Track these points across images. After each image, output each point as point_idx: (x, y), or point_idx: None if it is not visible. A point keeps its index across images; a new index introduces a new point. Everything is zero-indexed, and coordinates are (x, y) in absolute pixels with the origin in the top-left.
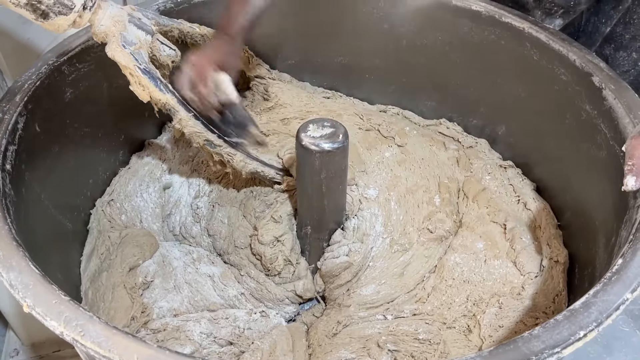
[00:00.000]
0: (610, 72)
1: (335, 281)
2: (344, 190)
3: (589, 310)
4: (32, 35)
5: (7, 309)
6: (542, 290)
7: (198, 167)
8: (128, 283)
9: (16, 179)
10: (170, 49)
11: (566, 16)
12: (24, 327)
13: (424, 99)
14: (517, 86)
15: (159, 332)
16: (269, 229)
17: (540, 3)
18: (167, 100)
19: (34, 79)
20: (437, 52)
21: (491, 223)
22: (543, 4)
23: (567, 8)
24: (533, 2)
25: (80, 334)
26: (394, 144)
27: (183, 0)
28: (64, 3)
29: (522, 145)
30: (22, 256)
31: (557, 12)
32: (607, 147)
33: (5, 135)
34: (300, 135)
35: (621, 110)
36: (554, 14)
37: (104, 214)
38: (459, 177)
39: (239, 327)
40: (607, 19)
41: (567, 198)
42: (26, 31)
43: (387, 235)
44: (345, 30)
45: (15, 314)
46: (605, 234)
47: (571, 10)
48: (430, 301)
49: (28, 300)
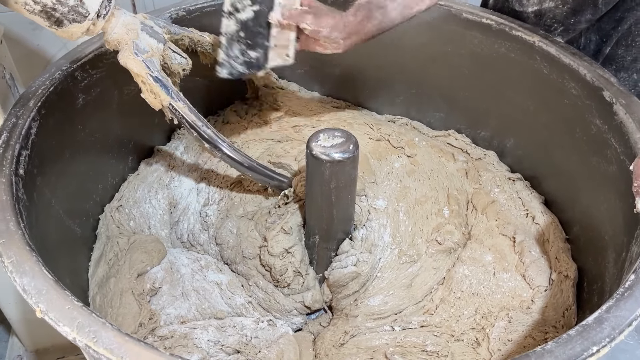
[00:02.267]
0: (621, 87)
1: (343, 291)
2: (353, 200)
3: (601, 325)
4: (42, 41)
5: (12, 314)
6: (551, 304)
7: (207, 175)
8: (136, 289)
9: (29, 183)
10: (182, 57)
11: (566, 34)
12: (29, 333)
13: (432, 110)
14: (526, 99)
15: (166, 339)
16: (279, 241)
17: (541, 19)
18: (178, 107)
19: (47, 84)
20: (447, 63)
21: (500, 236)
22: (544, 20)
23: (567, 26)
24: (534, 17)
25: (93, 340)
26: (403, 155)
27: (195, 9)
28: (79, 11)
29: (530, 158)
30: (36, 261)
31: (557, 29)
32: (618, 162)
33: (19, 140)
34: (310, 145)
35: (632, 125)
36: (553, 30)
37: (113, 219)
38: (467, 189)
39: (246, 336)
40: (607, 38)
41: (576, 212)
42: (36, 38)
43: (395, 246)
44: None
45: (19, 319)
46: (615, 249)
47: (571, 28)
48: (438, 313)
49: (41, 305)
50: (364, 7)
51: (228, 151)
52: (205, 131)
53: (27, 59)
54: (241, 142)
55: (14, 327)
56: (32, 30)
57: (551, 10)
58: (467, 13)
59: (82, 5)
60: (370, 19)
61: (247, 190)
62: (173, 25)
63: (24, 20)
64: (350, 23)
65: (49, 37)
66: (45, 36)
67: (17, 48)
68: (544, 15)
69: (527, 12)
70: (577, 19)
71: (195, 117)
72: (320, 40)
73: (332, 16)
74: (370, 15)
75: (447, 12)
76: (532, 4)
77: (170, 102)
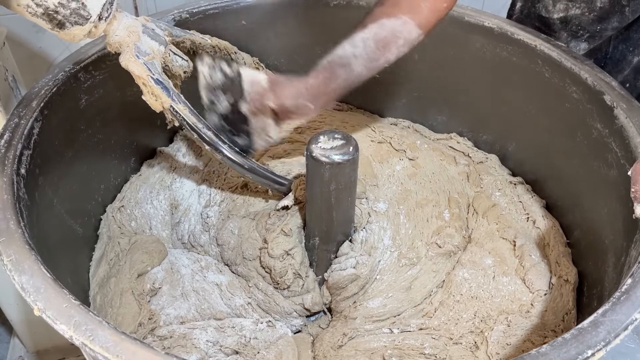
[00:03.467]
0: (622, 91)
1: (342, 293)
2: (352, 202)
3: (597, 329)
4: (45, 44)
5: (13, 315)
6: (551, 308)
7: (209, 177)
8: (136, 289)
9: (30, 183)
10: (183, 60)
11: (592, 40)
12: (30, 334)
13: (434, 113)
14: (527, 103)
15: (165, 339)
16: (279, 242)
17: (567, 25)
18: (179, 110)
19: (51, 85)
20: (449, 67)
21: (500, 239)
22: (569, 27)
23: (593, 33)
24: (560, 23)
25: (89, 338)
26: (405, 157)
27: (198, 11)
28: (80, 14)
29: (532, 161)
30: (35, 260)
31: (583, 35)
32: (618, 166)
33: (21, 140)
34: (310, 147)
35: (632, 130)
36: (579, 37)
37: (114, 220)
38: (469, 193)
39: (245, 337)
40: (635, 47)
41: (577, 216)
42: (39, 40)
43: (395, 249)
44: None
45: (21, 320)
46: (614, 253)
47: (597, 35)
48: (437, 316)
49: (39, 303)
50: (325, 67)
51: (229, 153)
52: (206, 133)
53: (29, 61)
54: None
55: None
56: (34, 33)
57: (577, 17)
58: (469, 16)
59: (84, 8)
60: (334, 79)
61: (250, 191)
62: (174, 28)
63: (27, 22)
64: (313, 86)
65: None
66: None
67: (20, 50)
68: (570, 21)
69: (553, 19)
70: (603, 26)
71: (196, 119)
72: (290, 111)
73: (292, 85)
74: (333, 74)
75: (449, 16)
76: (558, 10)
77: (171, 104)
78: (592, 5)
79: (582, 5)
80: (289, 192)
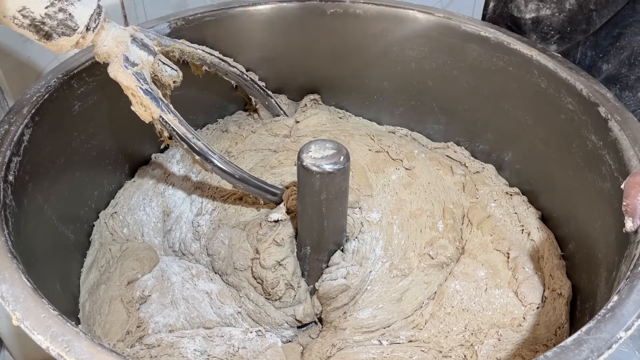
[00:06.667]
0: (616, 102)
1: (332, 303)
2: (344, 212)
3: (580, 347)
4: (33, 54)
5: (3, 328)
6: (543, 322)
7: (201, 185)
8: (125, 297)
9: (19, 190)
10: (172, 69)
11: (561, 42)
12: (20, 346)
13: (431, 122)
14: (524, 113)
15: (153, 347)
16: (272, 253)
17: (538, 26)
18: (168, 120)
19: (43, 91)
20: (446, 76)
21: (494, 251)
22: (540, 27)
23: (564, 34)
24: (531, 24)
25: (65, 350)
26: (401, 167)
27: (194, 18)
28: (68, 24)
29: (528, 172)
30: (16, 268)
31: (553, 37)
32: (612, 179)
33: (10, 146)
34: (301, 156)
35: (626, 142)
36: (549, 38)
37: (107, 226)
38: (464, 203)
39: (234, 346)
40: (604, 54)
41: (572, 228)
42: (27, 50)
43: (387, 260)
44: (354, 51)
45: (11, 333)
46: (607, 267)
47: (567, 37)
48: (427, 328)
49: (17, 313)
50: None
51: (219, 163)
52: (196, 143)
53: (17, 71)
54: (237, 152)
55: (5, 341)
56: (22, 43)
57: (548, 17)
58: (466, 26)
59: (72, 19)
60: None
61: (241, 201)
62: (164, 37)
63: (14, 32)
64: None
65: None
66: (36, 49)
67: (7, 60)
68: (541, 22)
69: (525, 19)
70: (573, 27)
71: (186, 129)
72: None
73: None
74: None
75: (445, 25)
76: (529, 10)
77: (161, 114)
78: (561, 6)
79: (552, 5)
80: (281, 201)
